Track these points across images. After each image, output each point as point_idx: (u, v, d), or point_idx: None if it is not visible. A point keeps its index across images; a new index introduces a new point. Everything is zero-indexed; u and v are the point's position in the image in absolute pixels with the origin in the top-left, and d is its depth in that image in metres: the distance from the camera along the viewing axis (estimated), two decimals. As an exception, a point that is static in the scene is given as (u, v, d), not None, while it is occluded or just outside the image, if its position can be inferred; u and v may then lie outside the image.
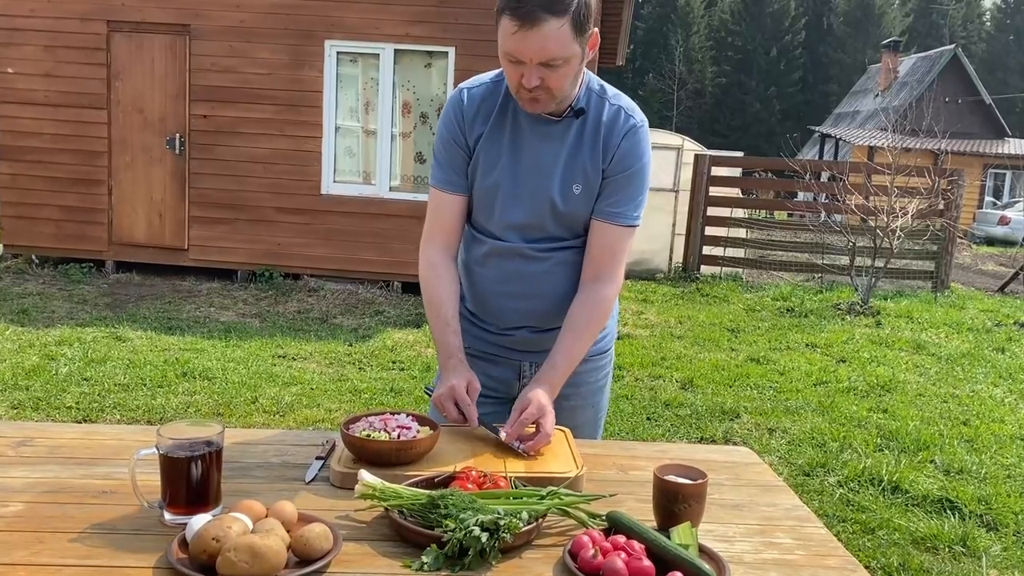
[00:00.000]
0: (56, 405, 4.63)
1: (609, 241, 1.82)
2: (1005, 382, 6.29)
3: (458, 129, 1.84)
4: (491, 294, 1.93)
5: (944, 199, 10.27)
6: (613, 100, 1.82)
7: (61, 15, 8.45)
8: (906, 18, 54.07)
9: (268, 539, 1.17)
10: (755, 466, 1.77)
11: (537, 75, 1.64)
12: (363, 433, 1.58)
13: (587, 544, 1.25)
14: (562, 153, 1.80)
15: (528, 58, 1.62)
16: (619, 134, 1.79)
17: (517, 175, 1.82)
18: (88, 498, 1.43)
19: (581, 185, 1.80)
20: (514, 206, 1.83)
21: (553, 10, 1.58)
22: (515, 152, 1.82)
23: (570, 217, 1.83)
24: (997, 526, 3.63)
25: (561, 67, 1.65)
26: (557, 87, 1.68)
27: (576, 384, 1.94)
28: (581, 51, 1.67)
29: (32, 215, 8.72)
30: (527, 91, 1.67)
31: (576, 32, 1.62)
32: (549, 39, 1.60)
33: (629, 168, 1.80)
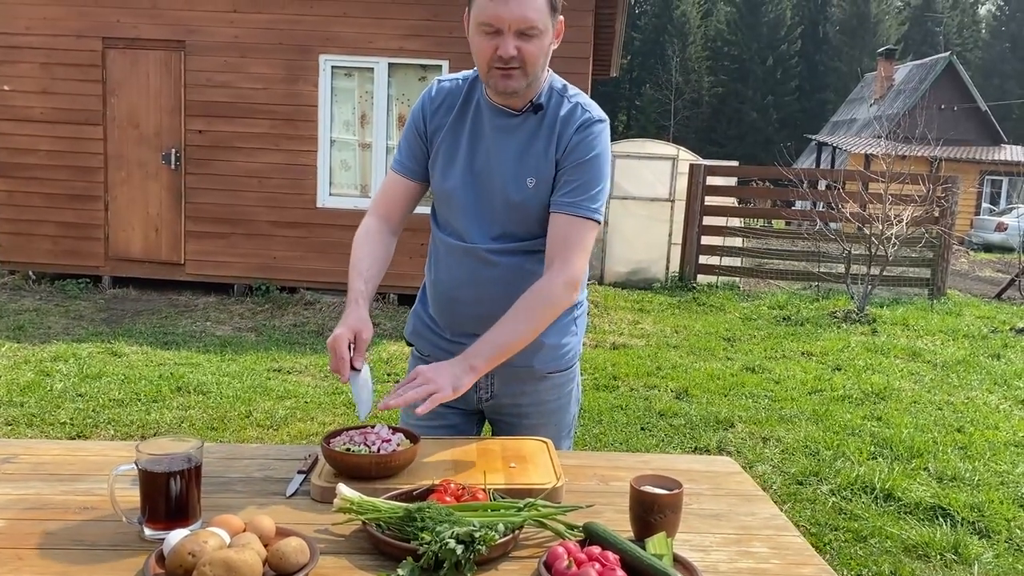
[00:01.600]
0: (50, 421, 4.64)
1: (563, 231, 1.79)
2: (1000, 389, 6.30)
3: (421, 118, 1.89)
4: (446, 297, 1.95)
5: (939, 206, 10.30)
6: (572, 97, 1.85)
7: (57, 32, 8.49)
8: (901, 26, 54.26)
9: (244, 553, 1.18)
10: (736, 476, 1.78)
11: (513, 44, 1.68)
12: (343, 447, 1.59)
13: (562, 555, 1.25)
14: (520, 147, 1.82)
15: (507, 24, 1.67)
16: (573, 126, 1.81)
17: (474, 168, 1.84)
18: (69, 514, 1.44)
19: (535, 178, 1.81)
20: (470, 199, 1.85)
21: None
22: (473, 145, 1.84)
23: (524, 210, 1.83)
24: (989, 533, 3.63)
25: (536, 38, 1.70)
26: (531, 59, 1.71)
27: (536, 403, 1.95)
28: (551, 30, 1.74)
29: (29, 231, 8.75)
30: (503, 63, 1.70)
31: (551, 5, 1.71)
32: (527, 5, 1.66)
33: (582, 158, 1.80)
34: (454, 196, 1.87)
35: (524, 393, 1.95)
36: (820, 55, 52.31)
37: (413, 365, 2.06)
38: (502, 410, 1.98)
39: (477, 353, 1.70)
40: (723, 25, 54.06)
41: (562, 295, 1.77)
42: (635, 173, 11.54)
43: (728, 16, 54.38)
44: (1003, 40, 54.18)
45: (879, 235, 9.18)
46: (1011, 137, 34.21)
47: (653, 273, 11.49)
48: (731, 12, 54.48)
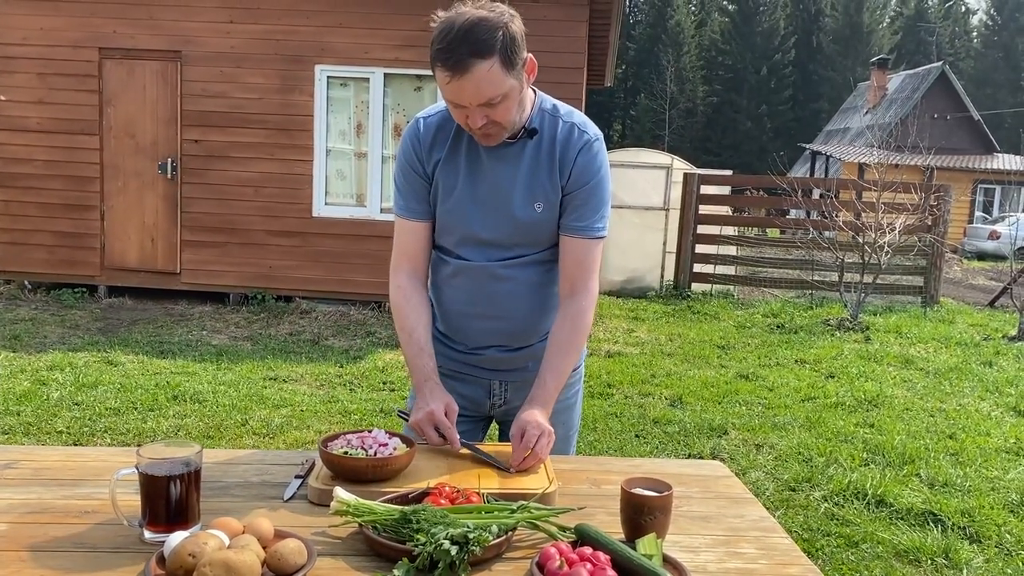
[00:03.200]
0: (47, 430, 4.65)
1: (579, 255, 1.87)
2: (992, 395, 6.34)
3: (416, 158, 1.90)
4: (459, 314, 1.97)
5: (932, 214, 10.37)
6: (566, 118, 1.87)
7: (53, 43, 8.53)
8: (894, 36, 54.58)
9: (243, 554, 1.21)
10: (725, 479, 1.81)
11: (480, 115, 1.70)
12: (340, 451, 1.62)
13: (554, 556, 1.28)
14: (520, 173, 1.84)
15: (467, 102, 1.67)
16: (574, 150, 1.84)
17: (476, 196, 1.86)
18: (70, 518, 1.47)
19: (543, 203, 1.85)
20: (476, 226, 1.87)
21: (480, 53, 1.62)
22: (472, 175, 1.86)
23: (534, 232, 1.88)
24: (980, 539, 3.66)
25: (501, 103, 1.69)
26: (504, 119, 1.73)
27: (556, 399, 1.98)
28: (518, 82, 1.71)
29: (25, 241, 8.76)
30: (477, 129, 1.73)
31: (507, 68, 1.66)
32: (481, 82, 1.64)
33: (588, 182, 1.85)
34: (458, 226, 1.90)
35: None
36: (814, 64, 52.59)
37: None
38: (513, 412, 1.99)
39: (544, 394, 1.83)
40: (717, 35, 54.36)
41: (590, 314, 1.90)
42: (630, 182, 11.59)
43: (722, 26, 54.69)
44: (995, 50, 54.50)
45: (872, 243, 9.24)
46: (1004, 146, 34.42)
47: (648, 281, 11.54)
48: (725, 22, 54.81)
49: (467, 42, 1.61)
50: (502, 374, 2.00)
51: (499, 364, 1.99)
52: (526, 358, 1.98)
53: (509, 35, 1.65)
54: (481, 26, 1.63)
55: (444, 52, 1.64)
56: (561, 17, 8.31)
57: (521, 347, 1.95)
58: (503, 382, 2.00)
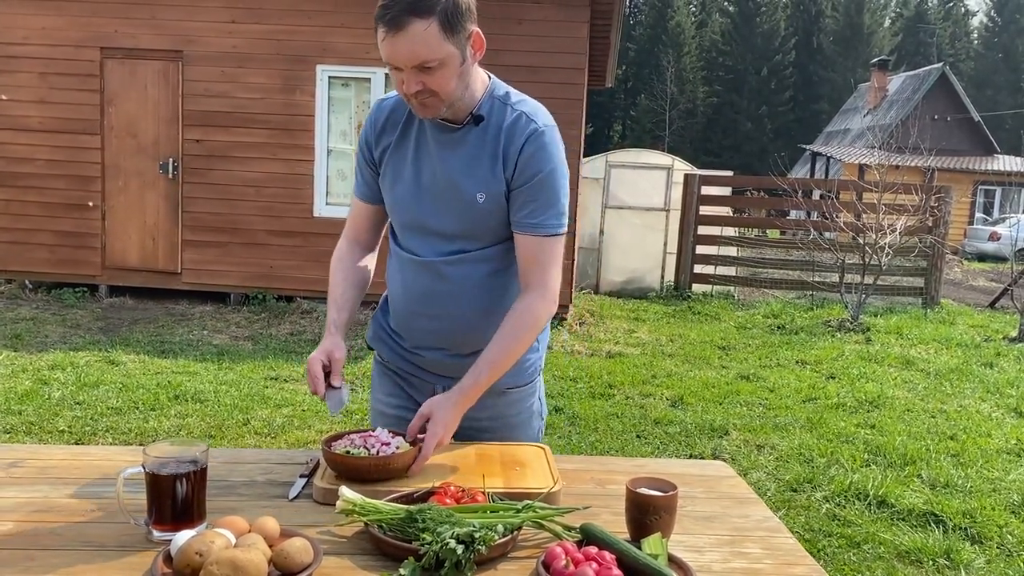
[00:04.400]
0: (49, 429, 4.65)
1: (533, 252, 1.78)
2: (992, 396, 6.34)
3: (366, 142, 1.89)
4: (403, 311, 1.94)
5: (933, 216, 10.38)
6: (516, 105, 1.78)
7: (55, 42, 8.54)
8: (895, 37, 54.59)
9: (249, 553, 1.21)
10: (729, 479, 1.82)
11: (415, 80, 1.63)
12: (343, 450, 1.62)
13: (560, 555, 1.29)
14: (465, 161, 1.77)
15: (402, 63, 1.61)
16: (520, 140, 1.74)
17: (422, 183, 1.81)
18: (76, 516, 1.47)
19: (484, 193, 1.77)
20: (421, 214, 1.83)
21: (418, 11, 1.57)
22: (418, 161, 1.81)
23: (478, 223, 1.80)
24: (981, 539, 3.67)
25: (438, 69, 1.63)
26: (441, 89, 1.65)
27: (495, 417, 1.94)
28: (459, 51, 1.64)
29: (26, 240, 8.77)
30: (413, 97, 1.67)
31: (447, 32, 1.60)
32: (417, 42, 1.59)
33: (536, 175, 1.75)
34: (404, 212, 1.86)
35: (483, 407, 1.86)
36: (814, 65, 52.58)
37: (377, 370, 2.07)
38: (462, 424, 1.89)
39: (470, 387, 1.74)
40: (717, 36, 54.37)
41: (544, 314, 1.80)
42: (630, 183, 11.60)
43: (722, 27, 54.70)
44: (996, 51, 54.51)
45: (873, 244, 9.24)
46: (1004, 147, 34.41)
47: (648, 282, 11.54)
48: (725, 23, 54.82)
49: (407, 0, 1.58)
50: (444, 380, 1.90)
51: (441, 369, 1.92)
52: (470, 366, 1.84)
53: (453, 0, 1.61)
54: None
55: (383, 8, 1.60)
56: (562, 18, 8.32)
57: (465, 354, 1.84)
58: (446, 388, 1.84)
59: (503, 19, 8.32)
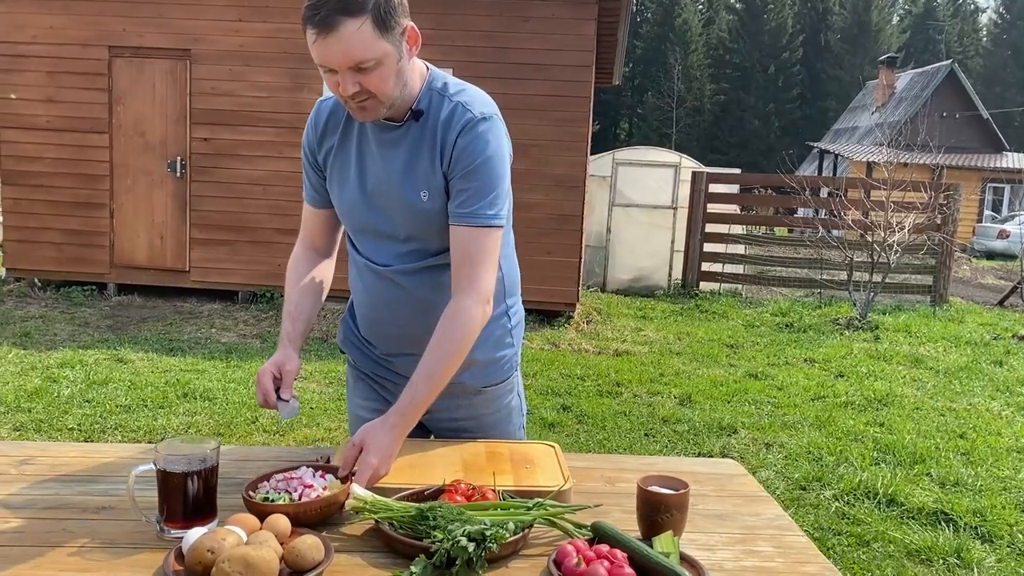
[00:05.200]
0: (58, 427, 4.67)
1: (463, 244, 1.68)
2: (1002, 395, 6.32)
3: (308, 146, 1.84)
4: (368, 318, 1.90)
5: (941, 213, 10.33)
6: (454, 96, 1.71)
7: (63, 41, 8.56)
8: (903, 34, 54.39)
9: (261, 550, 1.21)
10: (740, 477, 1.81)
11: (352, 81, 1.57)
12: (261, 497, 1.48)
13: (571, 553, 1.28)
14: (406, 159, 1.71)
15: (336, 65, 1.55)
16: (455, 131, 1.67)
17: (366, 187, 1.76)
18: (88, 514, 1.47)
19: (427, 191, 1.70)
20: (370, 220, 1.78)
21: (349, 10, 1.51)
22: (362, 164, 1.76)
23: (426, 225, 1.74)
24: (992, 538, 3.65)
25: (374, 69, 1.57)
26: (378, 90, 1.59)
27: (472, 416, 1.92)
28: (395, 49, 1.59)
29: (34, 239, 8.80)
30: (350, 99, 1.61)
31: (380, 30, 1.54)
32: (350, 42, 1.52)
33: (471, 164, 1.67)
34: (354, 218, 1.81)
35: (459, 407, 1.89)
36: (821, 63, 52.42)
37: (351, 374, 2.04)
38: (439, 424, 1.93)
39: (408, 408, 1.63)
40: (725, 33, 54.23)
41: (479, 316, 1.67)
42: (637, 181, 11.58)
43: (730, 24, 54.56)
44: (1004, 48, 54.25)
45: (881, 242, 9.21)
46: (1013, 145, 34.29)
47: (656, 280, 11.53)
48: (732, 20, 54.67)
49: None
50: None
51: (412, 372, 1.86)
52: None
53: None
54: None
55: (312, 8, 1.53)
56: (569, 15, 8.30)
57: None
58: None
59: (510, 16, 8.31)
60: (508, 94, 8.37)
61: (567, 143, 8.38)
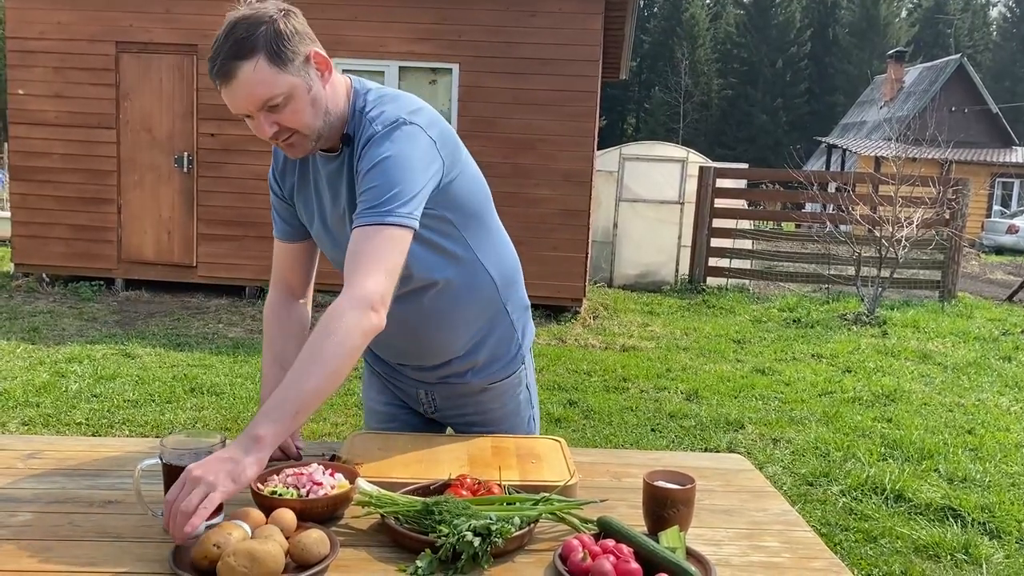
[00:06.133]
0: (66, 421, 4.68)
1: (352, 245, 1.53)
2: (1011, 391, 6.29)
3: (275, 181, 1.80)
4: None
5: (950, 208, 10.29)
6: (369, 112, 1.61)
7: (70, 37, 8.57)
8: (911, 28, 54.15)
9: (267, 544, 1.21)
10: (747, 472, 1.80)
11: (268, 122, 1.53)
12: (269, 491, 1.46)
13: (577, 548, 1.28)
14: (343, 188, 1.66)
15: (247, 110, 1.52)
16: (360, 147, 1.59)
17: (326, 222, 1.73)
18: (94, 508, 1.47)
19: None
20: (338, 257, 1.71)
21: (240, 55, 1.47)
22: (319, 200, 1.72)
23: None
24: (1000, 534, 3.64)
25: (285, 105, 1.52)
26: (296, 124, 1.54)
27: (482, 412, 1.93)
28: (301, 79, 1.52)
29: (42, 234, 8.83)
30: (273, 140, 1.57)
31: (278, 65, 1.49)
32: (250, 84, 1.48)
33: (368, 165, 1.55)
34: (327, 253, 1.80)
35: (467, 404, 1.90)
36: (830, 57, 52.24)
37: (366, 369, 2.05)
38: (451, 420, 1.95)
39: (263, 420, 1.39)
40: (732, 28, 54.09)
41: (353, 320, 1.46)
42: (644, 176, 11.56)
43: (737, 19, 54.42)
44: (1014, 42, 53.96)
45: (889, 237, 9.17)
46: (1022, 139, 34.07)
47: (662, 276, 11.51)
48: (740, 15, 54.53)
49: (227, 46, 1.48)
50: (427, 385, 1.91)
51: (422, 377, 1.90)
52: (445, 373, 1.87)
53: (274, 30, 1.49)
54: (240, 26, 1.48)
55: (211, 61, 1.51)
56: (576, 10, 8.28)
57: (436, 365, 1.85)
58: (428, 392, 1.91)
59: (517, 11, 8.30)
60: (515, 89, 8.38)
61: (574, 138, 8.37)
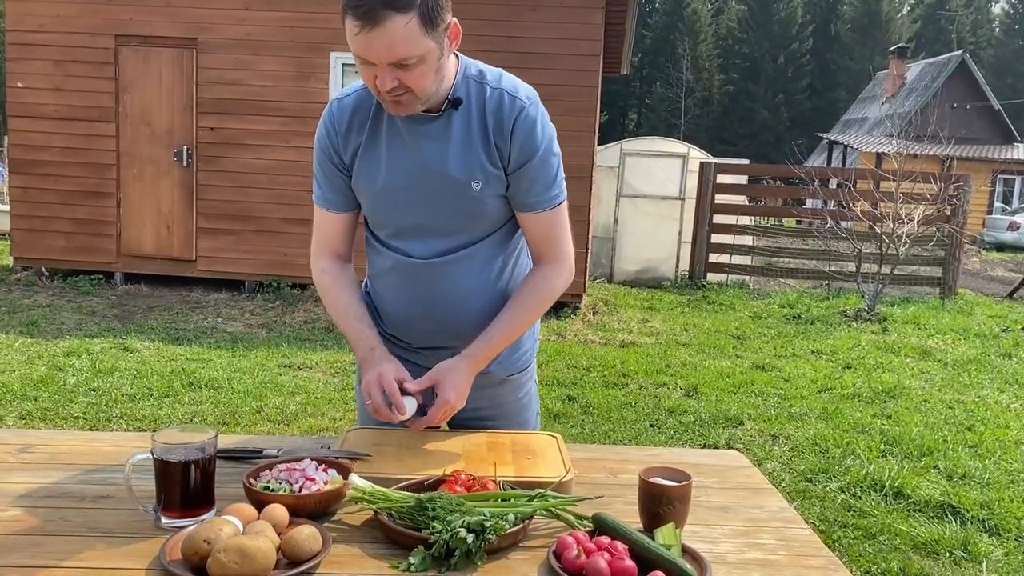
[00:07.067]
0: (64, 415, 4.68)
1: (542, 228, 1.75)
2: (1011, 388, 6.28)
3: (330, 146, 1.74)
4: (399, 315, 1.84)
5: (951, 205, 10.26)
6: (494, 84, 1.68)
7: (70, 30, 8.55)
8: (913, 24, 54.03)
9: (257, 540, 1.20)
10: (744, 469, 1.79)
11: (391, 77, 1.52)
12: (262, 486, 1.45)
13: (571, 545, 1.27)
14: (452, 148, 1.66)
15: (377, 59, 1.50)
16: (509, 121, 1.65)
17: (405, 180, 1.70)
18: (86, 503, 1.46)
19: (480, 181, 1.67)
20: (410, 213, 1.72)
21: (397, 6, 1.45)
22: (396, 156, 1.69)
23: (476, 213, 1.71)
24: (999, 531, 3.63)
25: (416, 66, 1.52)
26: (417, 87, 1.55)
27: (495, 405, 1.92)
28: (438, 46, 1.53)
29: (42, 228, 8.82)
30: (387, 94, 1.55)
31: (427, 27, 1.49)
32: (395, 38, 1.46)
33: (534, 155, 1.68)
34: (390, 214, 1.75)
35: (483, 397, 1.86)
36: (831, 53, 52.13)
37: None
38: (462, 413, 1.85)
39: (480, 353, 1.71)
40: (734, 23, 53.95)
41: (561, 284, 1.78)
42: (645, 171, 11.54)
43: (739, 14, 54.27)
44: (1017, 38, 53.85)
45: (890, 234, 9.16)
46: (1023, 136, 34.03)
47: (663, 271, 11.49)
48: (742, 10, 54.37)
49: None
50: None
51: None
52: None
53: None
54: None
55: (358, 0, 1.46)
56: (577, 4, 8.25)
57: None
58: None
59: (518, 5, 8.27)
60: (515, 84, 8.35)
61: (575, 133, 8.34)
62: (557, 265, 1.77)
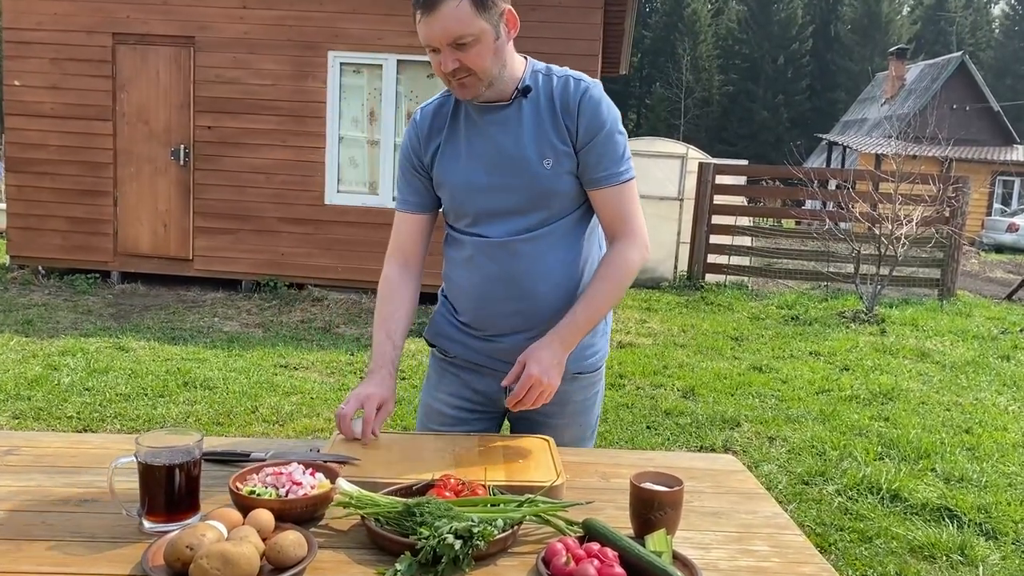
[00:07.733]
0: (57, 415, 4.65)
1: (613, 204, 1.83)
2: (1009, 390, 6.26)
3: (412, 151, 1.92)
4: (478, 297, 1.90)
5: (950, 206, 10.25)
6: (559, 74, 1.85)
7: (67, 28, 8.53)
8: (913, 25, 54.03)
9: (241, 546, 1.18)
10: (738, 474, 1.77)
11: (452, 58, 1.69)
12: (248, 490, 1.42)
13: (560, 551, 1.25)
14: (524, 131, 1.80)
15: (438, 42, 1.68)
16: (575, 101, 1.79)
17: (484, 165, 1.83)
18: (69, 507, 1.44)
19: (551, 159, 1.79)
20: (489, 196, 1.83)
21: None
22: (473, 146, 1.84)
23: (550, 191, 1.82)
24: (996, 535, 3.61)
25: (472, 45, 1.69)
26: (477, 66, 1.71)
27: (562, 403, 1.90)
28: (492, 28, 1.71)
29: (38, 226, 8.79)
30: (451, 76, 1.72)
31: (478, 8, 1.67)
32: (449, 19, 1.65)
33: (600, 131, 1.80)
34: (469, 203, 1.86)
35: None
36: (831, 54, 52.13)
37: (436, 367, 2.03)
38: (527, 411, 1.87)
39: (567, 331, 1.76)
40: (734, 23, 53.95)
41: (638, 259, 1.84)
42: (644, 171, 11.51)
43: (739, 15, 54.26)
44: (1016, 40, 53.84)
45: (889, 235, 9.14)
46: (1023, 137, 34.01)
47: (661, 272, 11.47)
48: (742, 11, 54.37)
49: None
50: None
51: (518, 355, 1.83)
52: None
53: None
54: None
55: None
56: (576, 3, 8.24)
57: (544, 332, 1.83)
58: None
59: (517, 4, 8.14)
60: (513, 83, 8.33)
61: (572, 133, 8.32)
62: (631, 239, 1.83)
